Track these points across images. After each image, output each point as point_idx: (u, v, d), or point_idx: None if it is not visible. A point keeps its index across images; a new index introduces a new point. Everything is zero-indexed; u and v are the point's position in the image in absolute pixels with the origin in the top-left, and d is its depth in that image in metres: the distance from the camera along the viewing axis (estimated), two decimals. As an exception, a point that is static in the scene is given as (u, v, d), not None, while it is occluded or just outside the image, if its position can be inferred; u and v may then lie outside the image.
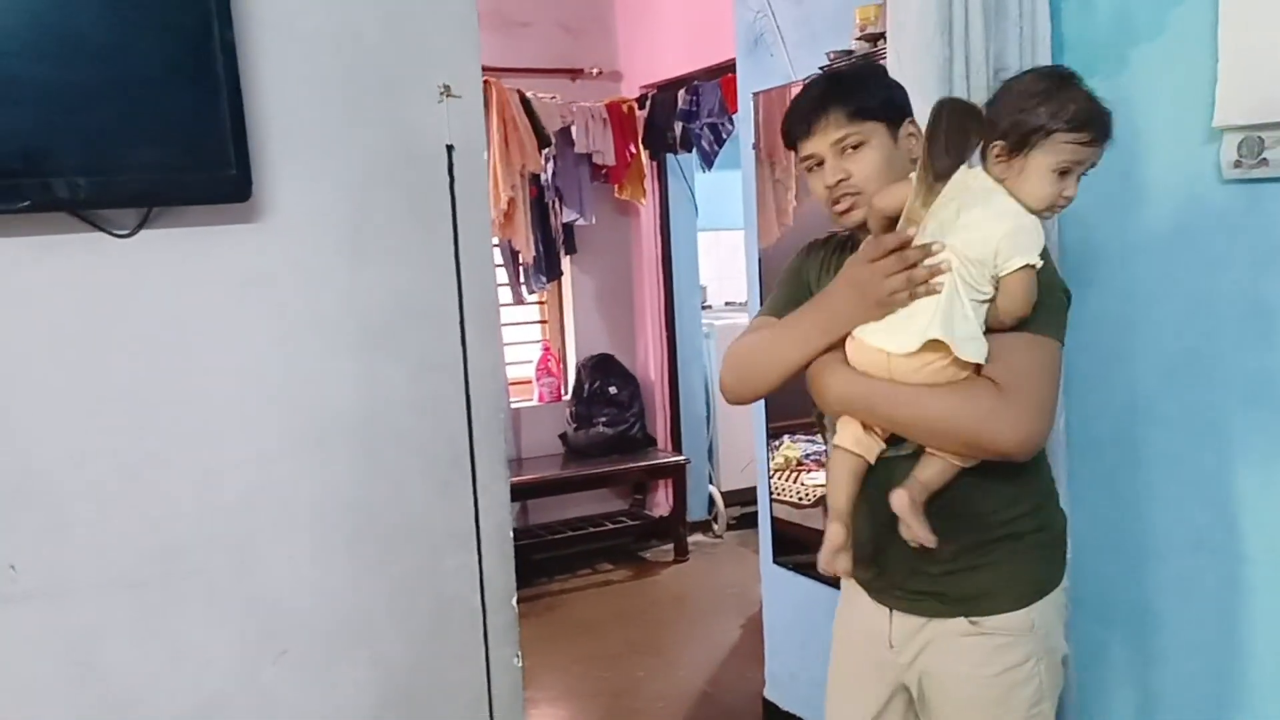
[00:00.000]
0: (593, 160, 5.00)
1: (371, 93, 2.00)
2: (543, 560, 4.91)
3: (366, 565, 2.07)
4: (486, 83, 4.41)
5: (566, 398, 5.34)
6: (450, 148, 2.07)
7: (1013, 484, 1.55)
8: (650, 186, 5.22)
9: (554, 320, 5.51)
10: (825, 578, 1.81)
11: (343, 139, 1.98)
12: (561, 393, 5.39)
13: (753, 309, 3.27)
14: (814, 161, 1.61)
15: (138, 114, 1.73)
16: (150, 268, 1.86)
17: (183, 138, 1.78)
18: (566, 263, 5.23)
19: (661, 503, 5.42)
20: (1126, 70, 2.01)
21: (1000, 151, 1.46)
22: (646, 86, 5.14)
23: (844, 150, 1.57)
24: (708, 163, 4.89)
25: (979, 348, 1.43)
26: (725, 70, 4.40)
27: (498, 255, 4.90)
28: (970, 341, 1.43)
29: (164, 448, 1.90)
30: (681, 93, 4.83)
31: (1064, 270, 2.05)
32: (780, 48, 2.93)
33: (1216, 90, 1.84)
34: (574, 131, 4.90)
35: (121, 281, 1.85)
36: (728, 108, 4.66)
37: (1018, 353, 1.44)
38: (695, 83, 4.79)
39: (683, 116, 4.83)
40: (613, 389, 5.27)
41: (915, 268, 1.44)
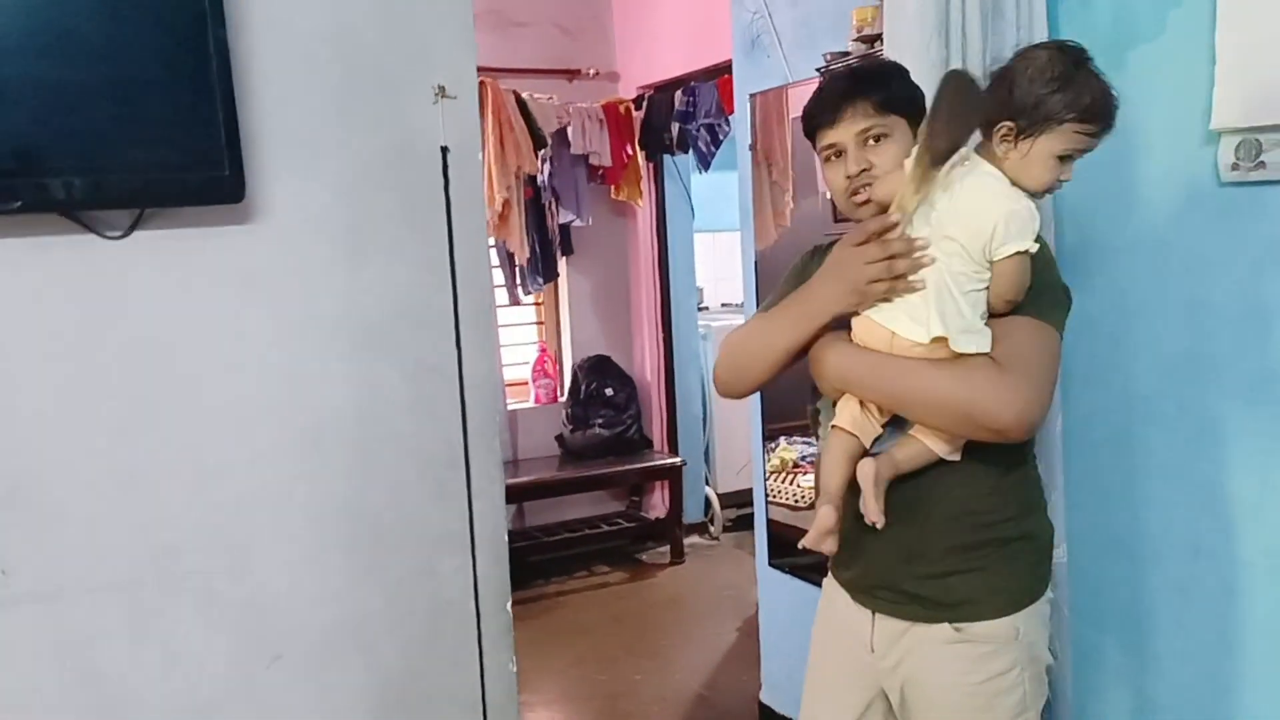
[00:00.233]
0: (589, 161, 4.99)
1: (366, 94, 2.00)
2: (539, 562, 4.90)
3: (361, 569, 2.06)
4: (482, 83, 4.40)
5: (563, 399, 5.33)
6: (445, 149, 2.06)
7: (1001, 488, 1.56)
8: (647, 188, 5.22)
9: (550, 322, 5.50)
10: (819, 580, 1.80)
11: (337, 140, 1.98)
12: (558, 394, 5.37)
13: (749, 311, 3.26)
14: (834, 151, 1.59)
15: (130, 114, 1.72)
16: (143, 269, 1.85)
17: (176, 138, 1.77)
18: (563, 264, 5.22)
19: (658, 504, 5.41)
20: (1124, 72, 2.00)
21: (1008, 132, 1.46)
22: (643, 87, 5.13)
23: (867, 141, 1.56)
24: (704, 164, 4.88)
25: (978, 340, 1.44)
26: (722, 71, 4.39)
27: (494, 256, 4.89)
28: (965, 335, 1.43)
29: (157, 450, 1.89)
30: (678, 94, 4.83)
31: (1063, 271, 2.06)
32: (777, 49, 2.93)
33: (1214, 93, 1.83)
34: (570, 132, 4.88)
35: (114, 283, 1.84)
36: (724, 109, 4.65)
37: (1019, 333, 1.45)
38: (692, 84, 4.79)
39: (679, 117, 4.83)
40: (609, 391, 5.26)
41: (897, 258, 1.44)
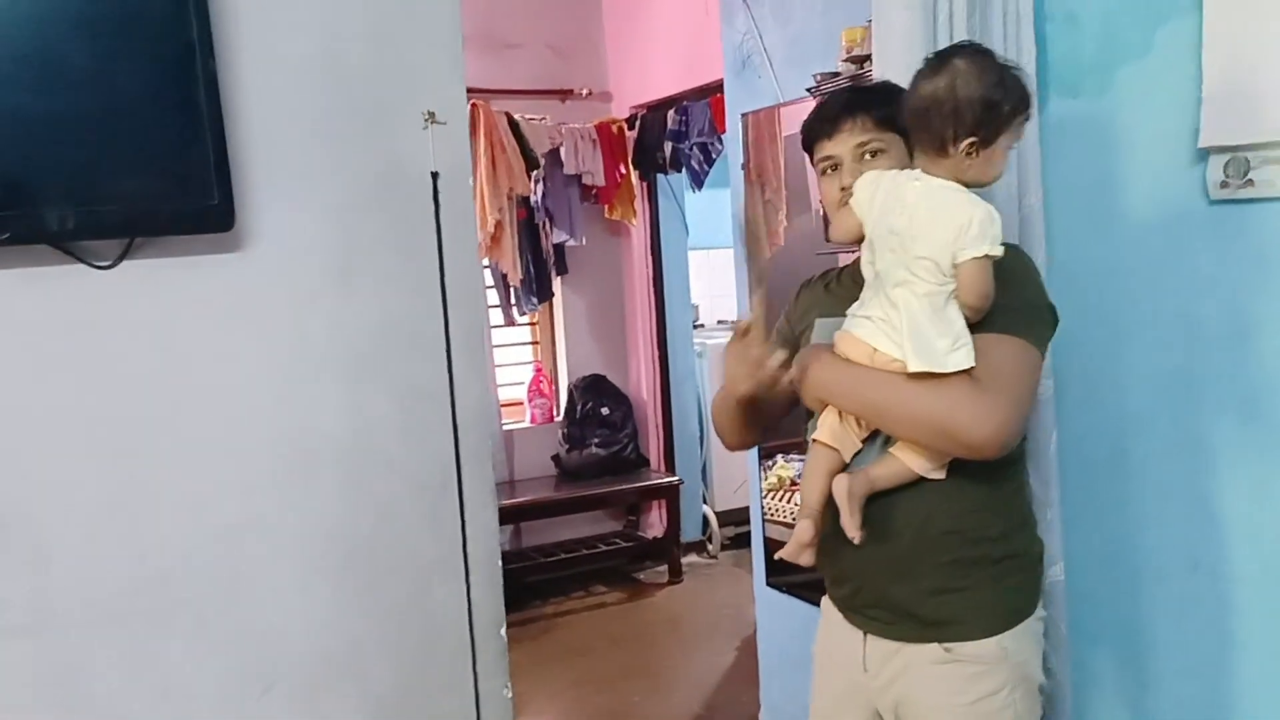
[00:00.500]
0: (582, 181, 4.99)
1: (355, 120, 2.00)
2: (536, 583, 4.87)
3: (354, 595, 2.05)
4: (474, 105, 4.42)
5: (559, 419, 5.32)
6: (435, 174, 2.06)
7: (989, 506, 1.56)
8: (640, 206, 5.22)
9: (546, 341, 5.49)
10: (816, 599, 1.80)
11: (327, 167, 1.98)
12: (554, 414, 5.37)
13: (743, 329, 3.26)
14: (831, 164, 1.62)
15: (119, 144, 1.73)
16: (133, 299, 1.85)
17: (165, 167, 1.77)
18: (557, 284, 5.22)
19: (655, 523, 5.39)
20: (1112, 91, 2.01)
21: (971, 146, 1.46)
22: (636, 107, 5.14)
23: (864, 155, 1.58)
24: (697, 182, 4.89)
25: (957, 357, 1.43)
26: (714, 90, 4.40)
27: (488, 277, 4.90)
28: (946, 356, 1.43)
29: (149, 478, 1.89)
30: (671, 113, 4.84)
31: (1051, 291, 2.06)
32: (768, 69, 2.94)
33: (1202, 111, 1.83)
34: (563, 152, 4.89)
35: (104, 313, 1.84)
36: (717, 127, 4.66)
37: (998, 351, 1.45)
38: (684, 103, 4.80)
39: (672, 136, 4.84)
40: (605, 410, 5.26)
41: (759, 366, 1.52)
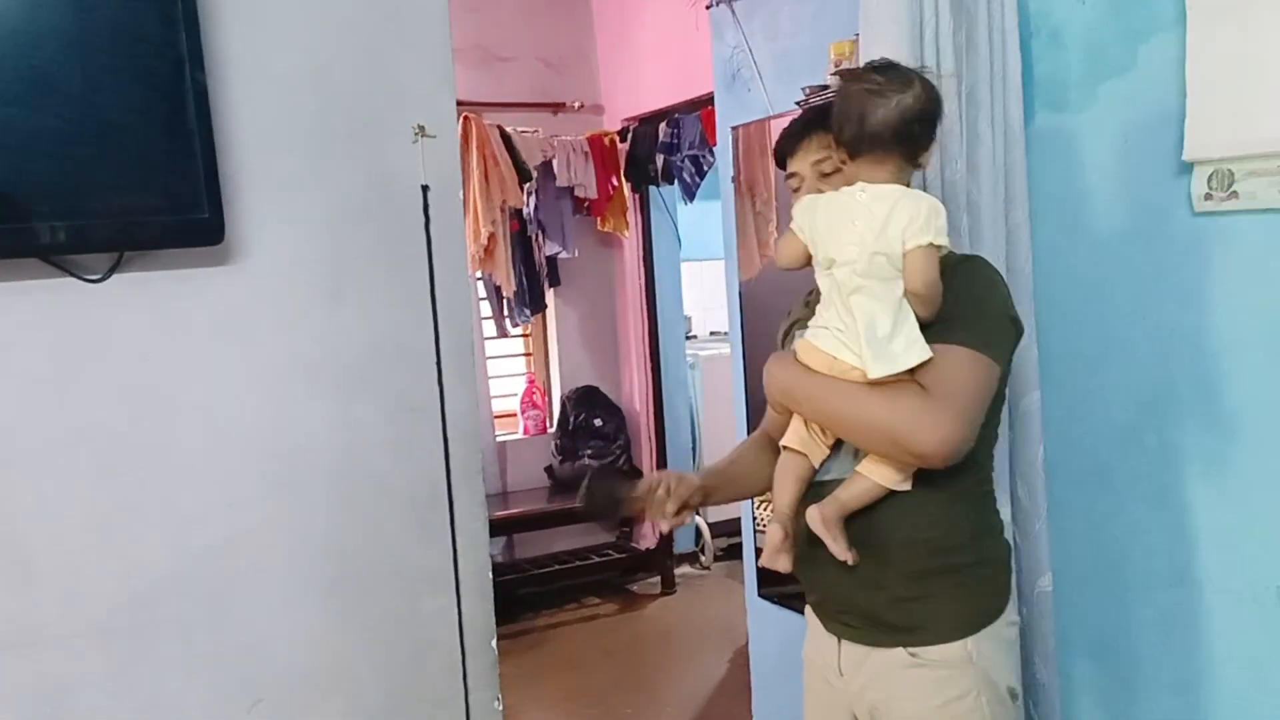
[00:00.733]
0: (575, 193, 5.01)
1: (345, 134, 2.00)
2: (528, 595, 4.87)
3: (343, 610, 2.05)
4: (466, 119, 4.43)
5: (552, 430, 5.32)
6: (425, 188, 2.06)
7: (952, 515, 1.58)
8: (633, 218, 5.23)
9: (538, 353, 5.50)
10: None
11: (317, 180, 1.98)
12: (547, 425, 5.37)
13: (736, 340, 3.27)
14: (797, 180, 1.69)
15: (109, 158, 1.73)
16: (123, 312, 1.85)
17: (155, 181, 1.77)
18: (550, 295, 5.23)
19: (648, 535, 5.38)
20: (1096, 105, 2.02)
21: (927, 157, 1.56)
22: (628, 119, 5.16)
23: (821, 173, 1.64)
24: (689, 194, 4.90)
25: (916, 353, 1.47)
26: (705, 103, 4.40)
27: (481, 289, 4.90)
28: (905, 354, 1.46)
29: (136, 494, 1.88)
30: (663, 125, 4.85)
31: (1037, 304, 2.07)
32: (757, 82, 2.95)
33: (1186, 124, 1.85)
34: (556, 165, 4.90)
35: (94, 326, 1.83)
36: (708, 140, 4.68)
37: (949, 361, 1.47)
38: (676, 115, 4.81)
39: (664, 149, 4.85)
40: (598, 421, 5.26)
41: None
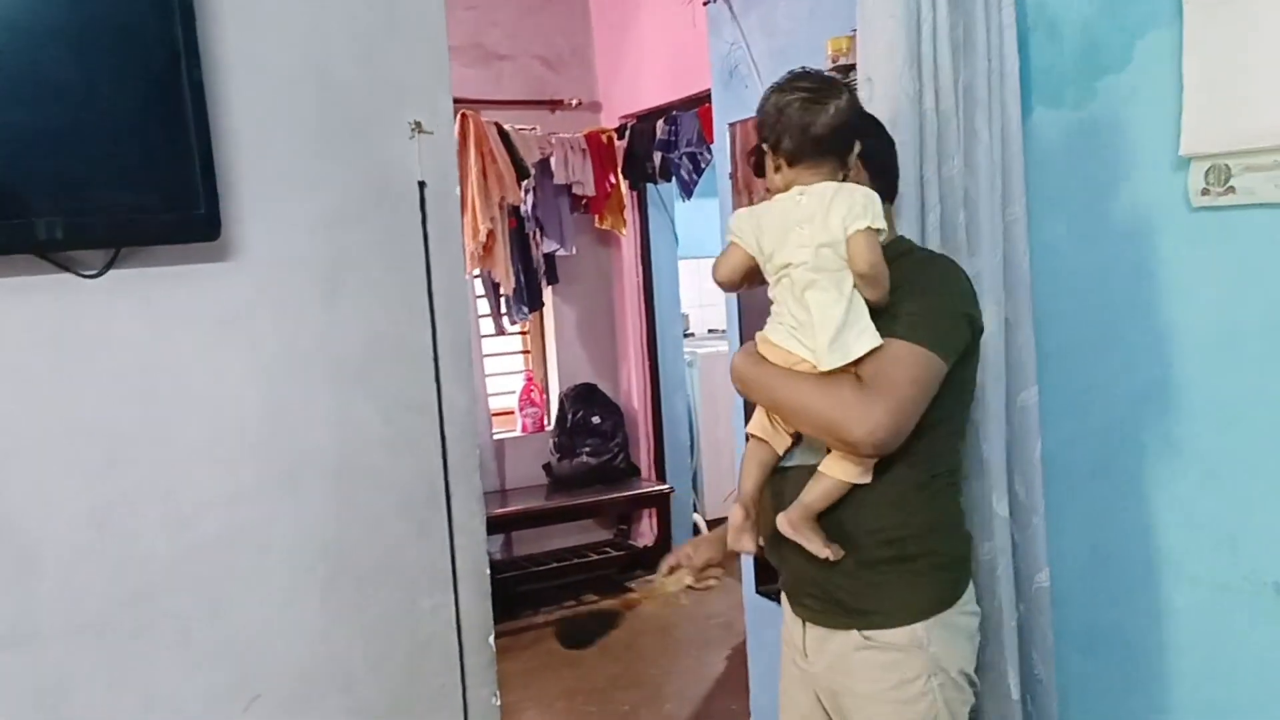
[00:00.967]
0: (572, 191, 5.00)
1: (342, 130, 2.00)
2: (527, 592, 4.87)
3: (341, 607, 2.05)
4: (464, 116, 4.42)
5: (550, 428, 5.32)
6: (422, 184, 2.06)
7: (905, 507, 1.64)
8: (630, 216, 5.23)
9: (536, 350, 5.49)
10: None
11: (313, 177, 1.98)
12: (545, 423, 5.36)
13: (732, 336, 3.27)
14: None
15: (105, 154, 1.72)
16: (119, 308, 1.84)
17: (151, 177, 1.77)
18: (548, 293, 5.22)
19: (646, 532, 5.39)
20: (1094, 100, 2.02)
21: (854, 158, 1.62)
22: (625, 117, 5.15)
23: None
24: (687, 192, 4.89)
25: (866, 340, 1.53)
26: (703, 100, 4.39)
27: (479, 286, 4.90)
28: (856, 343, 1.53)
29: (134, 490, 1.88)
30: (660, 123, 4.84)
31: (1034, 300, 2.07)
32: (755, 79, 2.95)
33: (1183, 119, 1.85)
34: (553, 162, 4.90)
35: (90, 323, 1.83)
36: (706, 137, 4.66)
37: (886, 354, 1.53)
38: (673, 112, 4.80)
39: (661, 146, 4.84)
40: (596, 419, 5.26)
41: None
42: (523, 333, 5.42)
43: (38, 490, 1.81)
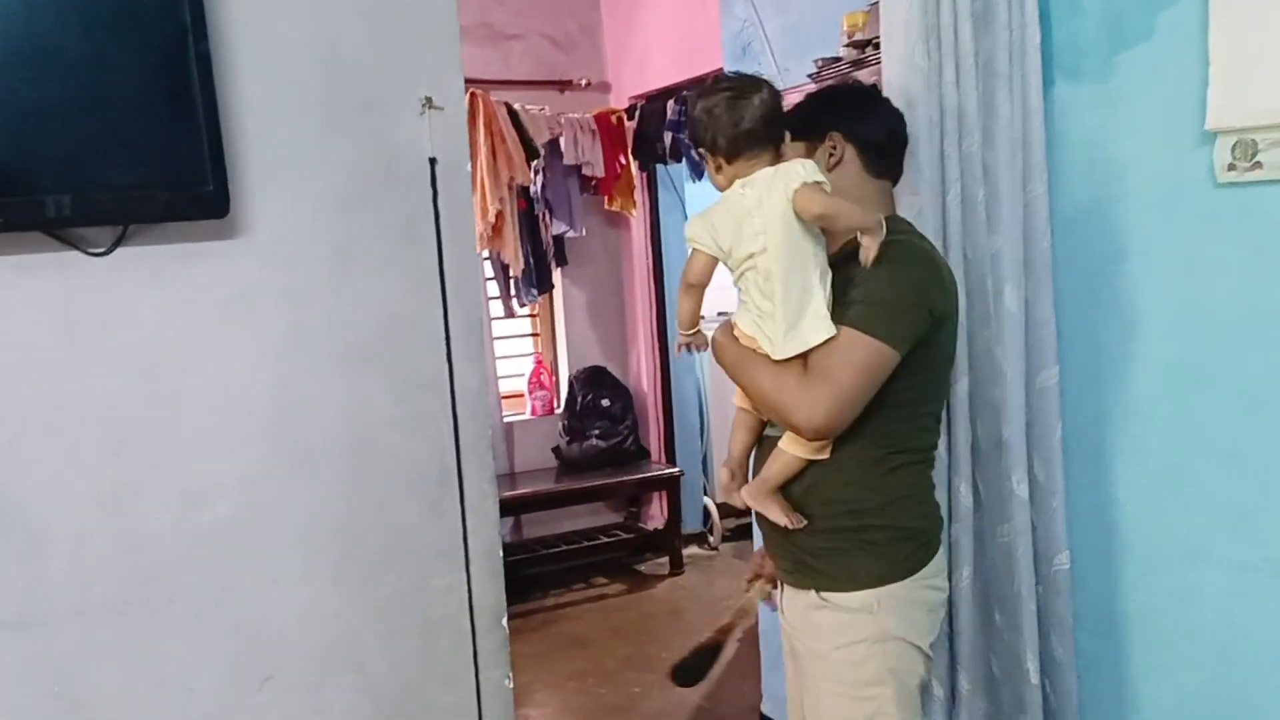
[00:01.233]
0: (582, 172, 4.97)
1: (352, 105, 1.97)
2: (537, 575, 4.87)
3: (353, 587, 2.03)
4: (474, 95, 4.40)
5: (559, 411, 5.30)
6: (433, 161, 2.03)
7: (864, 483, 1.70)
8: (640, 197, 5.20)
9: (546, 333, 5.47)
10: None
11: (323, 153, 1.95)
12: (554, 406, 5.35)
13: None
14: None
15: (112, 130, 1.69)
16: (127, 286, 1.82)
17: (159, 154, 1.74)
18: (557, 275, 5.20)
19: (656, 515, 5.38)
20: (1116, 74, 1.99)
21: (786, 146, 1.73)
22: (635, 97, 5.12)
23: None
24: (697, 173, 4.86)
25: (820, 331, 1.60)
26: (714, 80, 4.38)
27: (488, 268, 4.88)
28: (811, 332, 1.60)
29: (144, 470, 1.86)
30: (670, 103, 4.81)
31: (1055, 278, 2.04)
32: (768, 56, 2.91)
33: (1208, 93, 1.82)
34: (563, 143, 4.86)
35: (98, 300, 1.81)
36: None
37: (834, 343, 1.60)
38: (684, 93, 4.76)
39: (672, 127, 4.80)
40: (605, 401, 5.24)
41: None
42: (532, 315, 5.40)
43: (47, 471, 1.79)
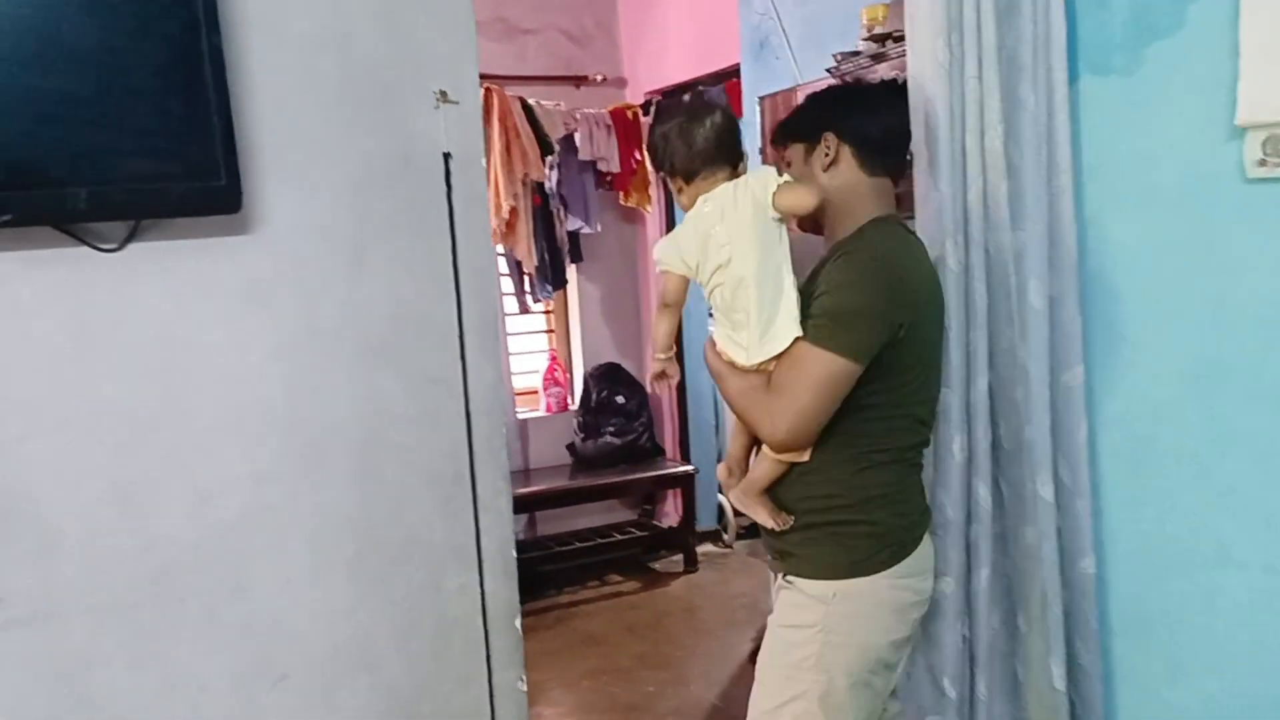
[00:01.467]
0: (597, 167, 4.95)
1: (365, 99, 1.95)
2: (551, 572, 4.85)
3: (366, 586, 2.02)
4: (488, 90, 4.38)
5: (574, 407, 5.29)
6: (448, 155, 2.02)
7: (837, 482, 1.75)
8: (656, 193, 5.17)
9: (560, 329, 5.46)
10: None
11: (336, 147, 1.93)
12: (569, 403, 5.33)
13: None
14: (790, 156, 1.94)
15: (123, 123, 1.68)
16: (139, 282, 1.81)
17: (170, 147, 1.72)
18: (572, 271, 5.18)
19: (670, 513, 5.36)
20: (1143, 67, 1.95)
21: (744, 165, 1.82)
22: (651, 92, 5.09)
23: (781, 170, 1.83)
24: (715, 168, 4.83)
25: (785, 336, 1.67)
26: (730, 75, 4.35)
27: (503, 264, 4.86)
28: (778, 338, 1.67)
29: (156, 467, 1.85)
30: (686, 98, 4.78)
31: (1081, 275, 2.00)
32: (786, 50, 2.88)
33: (1239, 87, 1.78)
34: (578, 139, 4.85)
35: (110, 297, 1.80)
36: (733, 112, 4.59)
37: (792, 357, 1.68)
38: (700, 87, 4.74)
39: (688, 122, 4.77)
40: (620, 398, 5.22)
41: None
42: (546, 312, 5.38)
43: (57, 468, 1.78)
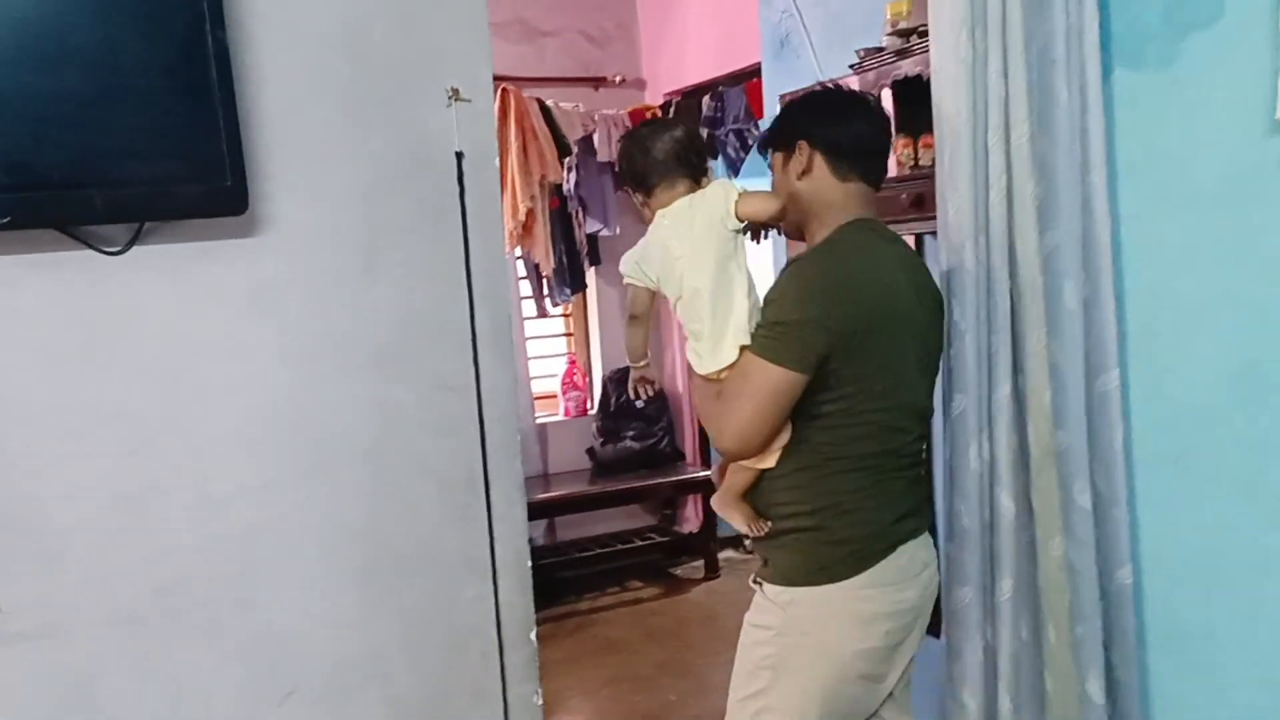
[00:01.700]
0: (616, 169, 4.90)
1: (376, 97, 1.92)
2: (570, 578, 4.82)
3: (377, 597, 1.98)
4: (504, 91, 4.34)
5: (593, 412, 5.24)
6: (460, 155, 1.98)
7: (799, 488, 1.78)
8: (676, 195, 5.11)
9: (579, 333, 5.42)
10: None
11: (345, 146, 1.90)
12: (588, 407, 5.29)
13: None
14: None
15: (127, 123, 1.65)
16: (143, 286, 1.78)
17: (175, 148, 1.70)
18: (591, 274, 5.14)
19: (691, 518, 5.31)
20: (1179, 61, 1.89)
21: (708, 180, 1.91)
22: (670, 93, 5.05)
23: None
24: (734, 170, 4.78)
25: (731, 345, 1.73)
26: (750, 75, 4.30)
27: (521, 267, 4.83)
28: (730, 348, 1.73)
29: (162, 476, 1.82)
30: (706, 99, 4.74)
31: (1116, 275, 1.94)
32: (807, 48, 2.83)
33: (1278, 81, 1.71)
34: (596, 140, 4.81)
35: (114, 301, 1.77)
36: (753, 113, 4.56)
37: (738, 368, 1.73)
38: (720, 88, 4.70)
39: (707, 123, 4.73)
40: (640, 402, 5.16)
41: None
42: (565, 315, 5.35)
43: (62, 476, 1.76)
